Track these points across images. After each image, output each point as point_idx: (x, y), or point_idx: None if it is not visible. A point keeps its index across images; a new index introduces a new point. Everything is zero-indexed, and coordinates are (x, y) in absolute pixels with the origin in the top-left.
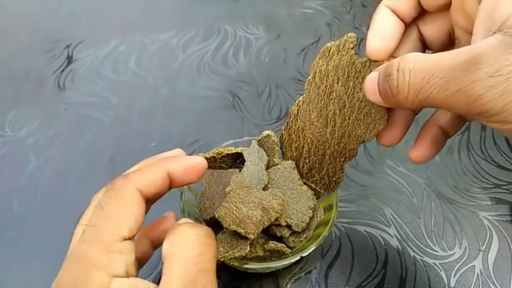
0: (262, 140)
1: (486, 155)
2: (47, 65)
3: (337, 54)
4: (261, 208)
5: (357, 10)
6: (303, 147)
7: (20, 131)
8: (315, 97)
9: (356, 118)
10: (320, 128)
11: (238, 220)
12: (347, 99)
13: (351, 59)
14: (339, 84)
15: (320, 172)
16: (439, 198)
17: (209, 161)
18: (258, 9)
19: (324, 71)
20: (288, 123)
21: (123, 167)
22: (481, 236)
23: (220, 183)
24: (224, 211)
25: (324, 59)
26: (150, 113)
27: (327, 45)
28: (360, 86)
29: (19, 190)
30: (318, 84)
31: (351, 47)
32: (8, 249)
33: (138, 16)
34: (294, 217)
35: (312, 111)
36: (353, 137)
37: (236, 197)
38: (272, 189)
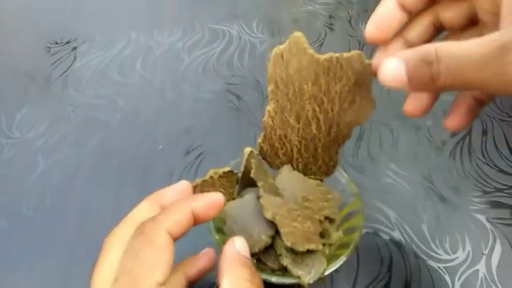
0: (249, 157)
1: (488, 160)
2: (54, 67)
3: (294, 57)
4: (310, 217)
5: (359, 14)
6: (292, 151)
7: (28, 133)
8: (286, 103)
9: (340, 109)
10: (304, 128)
11: (305, 238)
12: (323, 95)
13: (312, 59)
14: (308, 85)
15: (316, 164)
16: (442, 202)
17: (208, 184)
18: (262, 13)
19: (285, 77)
20: (265, 135)
21: (130, 170)
22: (484, 240)
23: (245, 213)
24: (291, 237)
25: (280, 66)
26: (157, 116)
27: (275, 52)
28: (334, 81)
29: (27, 193)
30: (285, 91)
31: (305, 47)
32: (16, 252)
33: (144, 19)
34: None
35: (289, 117)
36: (343, 125)
37: (284, 219)
38: (301, 195)
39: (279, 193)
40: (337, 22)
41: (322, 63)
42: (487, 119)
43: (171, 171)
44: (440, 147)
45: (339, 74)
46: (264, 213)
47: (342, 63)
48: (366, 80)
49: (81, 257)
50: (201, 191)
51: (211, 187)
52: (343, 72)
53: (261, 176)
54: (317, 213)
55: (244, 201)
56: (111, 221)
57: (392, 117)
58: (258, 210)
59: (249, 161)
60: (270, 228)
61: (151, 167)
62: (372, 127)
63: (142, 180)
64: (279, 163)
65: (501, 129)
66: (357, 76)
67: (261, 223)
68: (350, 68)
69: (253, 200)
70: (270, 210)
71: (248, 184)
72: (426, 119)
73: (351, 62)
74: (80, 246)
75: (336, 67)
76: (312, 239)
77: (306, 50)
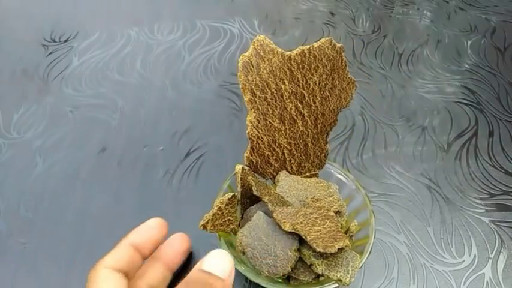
0: (242, 175)
1: (494, 162)
2: (52, 66)
3: (263, 60)
4: (326, 216)
5: (360, 10)
6: (283, 154)
7: (26, 133)
8: (267, 108)
9: (322, 98)
10: (290, 128)
11: (332, 238)
12: (303, 90)
13: (283, 57)
14: (285, 84)
15: (308, 160)
16: (448, 205)
17: (218, 217)
18: (264, 10)
19: (260, 83)
20: (252, 147)
21: (130, 171)
22: (490, 244)
23: (260, 235)
24: (319, 242)
25: (251, 73)
26: (157, 116)
27: (243, 60)
28: (310, 72)
29: (26, 194)
30: (263, 96)
31: (272, 47)
32: (15, 255)
33: (144, 16)
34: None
35: (273, 121)
36: (328, 113)
37: (304, 226)
38: (309, 197)
39: (286, 202)
40: (339, 19)
41: (294, 58)
42: (493, 120)
43: (172, 172)
44: (446, 148)
45: (314, 65)
46: (283, 227)
47: (315, 53)
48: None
49: (81, 258)
50: (213, 226)
51: (222, 218)
52: (318, 61)
53: (263, 190)
54: (330, 210)
55: (254, 223)
56: (110, 222)
57: (397, 118)
58: (272, 227)
59: (245, 179)
60: (292, 241)
61: (152, 167)
62: (376, 128)
63: (142, 182)
64: (271, 171)
65: (507, 131)
66: (331, 62)
67: (282, 239)
68: (323, 55)
69: (263, 218)
70: (287, 222)
71: (248, 203)
72: (432, 119)
73: (323, 49)
74: (79, 247)
75: (309, 59)
76: (337, 237)
77: (274, 50)
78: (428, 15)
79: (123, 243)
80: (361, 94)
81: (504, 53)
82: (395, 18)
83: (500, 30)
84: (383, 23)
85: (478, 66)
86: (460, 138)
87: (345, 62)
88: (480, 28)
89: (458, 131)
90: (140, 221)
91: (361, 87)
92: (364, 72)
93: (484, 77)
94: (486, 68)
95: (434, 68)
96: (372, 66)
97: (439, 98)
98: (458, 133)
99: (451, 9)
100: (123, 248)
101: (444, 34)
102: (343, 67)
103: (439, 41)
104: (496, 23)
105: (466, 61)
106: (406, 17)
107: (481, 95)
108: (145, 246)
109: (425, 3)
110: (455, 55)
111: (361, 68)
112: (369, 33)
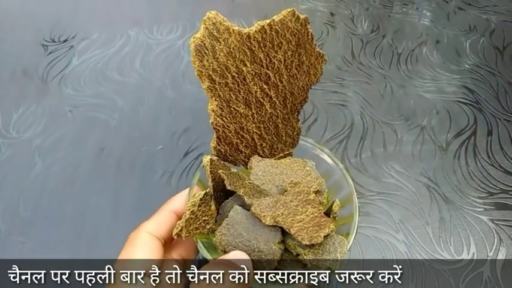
0: (212, 168)
1: (493, 161)
2: (51, 66)
3: (218, 42)
4: (306, 200)
5: (360, 10)
6: (253, 140)
7: (25, 132)
8: (229, 94)
9: (289, 76)
10: (258, 112)
11: (316, 226)
12: (267, 70)
13: (241, 36)
14: (247, 65)
15: (281, 141)
16: (446, 204)
17: (192, 221)
18: (263, 10)
19: (218, 67)
20: (218, 137)
21: (129, 170)
22: (488, 242)
23: (240, 231)
24: (304, 234)
25: (207, 57)
26: (157, 115)
27: (195, 43)
28: (274, 50)
29: (25, 193)
30: (223, 82)
31: (226, 25)
32: (14, 254)
33: (143, 16)
34: None
35: (238, 107)
36: (298, 91)
37: (286, 217)
38: (286, 182)
39: (263, 191)
40: (338, 19)
41: (254, 36)
42: (492, 120)
43: (171, 172)
44: (445, 147)
45: (277, 41)
46: (263, 220)
47: (277, 28)
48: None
49: (80, 257)
50: (188, 232)
51: (197, 222)
52: (281, 37)
53: (237, 182)
54: (310, 193)
55: (232, 219)
56: (109, 221)
57: (396, 117)
58: (251, 221)
59: (215, 172)
60: (275, 234)
61: (151, 167)
62: (375, 127)
63: (141, 181)
64: (243, 157)
65: (506, 130)
66: (296, 36)
67: (264, 232)
68: (286, 30)
69: (241, 213)
70: (267, 215)
71: (223, 196)
72: (431, 118)
73: (286, 23)
74: (78, 246)
75: (271, 35)
76: (322, 223)
77: (230, 29)
78: (427, 15)
79: (165, 208)
80: (360, 94)
81: (503, 53)
82: (394, 18)
83: (500, 30)
84: (382, 23)
85: (477, 65)
86: (459, 137)
87: (311, 34)
88: (479, 28)
89: (457, 130)
90: (139, 220)
91: (360, 87)
92: (363, 72)
93: (483, 76)
94: (485, 67)
95: (433, 67)
96: (371, 66)
97: (438, 97)
98: (457, 132)
99: (450, 9)
100: (165, 213)
101: (443, 34)
102: (310, 41)
103: (438, 41)
104: (495, 23)
105: (465, 61)
106: (405, 17)
107: (480, 95)
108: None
109: (425, 3)
110: (455, 55)
111: (360, 67)
112: (368, 33)
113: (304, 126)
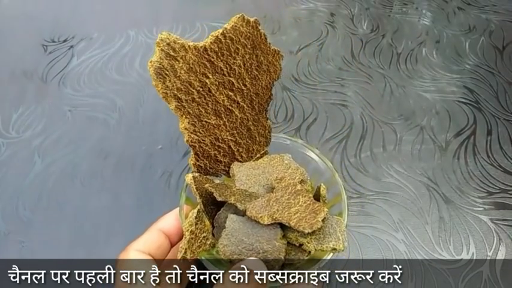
0: (197, 185)
1: (492, 160)
2: (51, 66)
3: (176, 61)
4: (295, 192)
5: (360, 11)
6: (229, 147)
7: (25, 132)
8: (198, 109)
9: (251, 78)
10: (228, 119)
11: (312, 213)
12: (229, 77)
13: (197, 51)
14: (209, 77)
15: (255, 142)
16: (446, 203)
17: (193, 240)
18: (263, 11)
19: (181, 85)
20: (196, 153)
21: (128, 170)
22: (488, 242)
23: (240, 238)
24: (304, 223)
25: (169, 78)
26: (156, 115)
27: (154, 67)
28: (232, 58)
29: (24, 193)
30: (189, 99)
31: (181, 43)
32: (15, 254)
33: (143, 16)
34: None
35: (209, 119)
36: (262, 90)
37: (282, 213)
38: (271, 180)
39: (252, 194)
40: (339, 20)
41: (210, 48)
42: (491, 119)
43: (170, 171)
44: (444, 147)
45: (233, 48)
46: (261, 221)
47: (231, 36)
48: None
49: (80, 257)
50: (192, 252)
51: (197, 240)
52: (236, 43)
53: (226, 192)
54: (296, 185)
55: (230, 229)
56: (108, 221)
57: (396, 117)
58: (249, 225)
59: (201, 188)
60: (275, 231)
61: (150, 167)
62: (375, 127)
63: (141, 181)
64: (223, 167)
65: (506, 130)
66: (250, 39)
67: (264, 232)
68: (240, 35)
69: (236, 220)
70: (264, 215)
71: (214, 209)
72: (430, 118)
73: (238, 28)
74: (77, 246)
75: (227, 43)
76: (316, 209)
77: (185, 46)
78: (427, 15)
79: (153, 228)
80: (360, 93)
81: (503, 52)
82: (394, 18)
83: (499, 30)
84: (382, 23)
85: (477, 65)
86: (459, 137)
87: (264, 35)
88: (479, 27)
89: (457, 130)
90: (139, 220)
91: (360, 87)
92: (363, 72)
93: (482, 76)
94: (485, 67)
95: (433, 67)
96: (370, 66)
97: (437, 97)
98: (457, 132)
99: (450, 9)
100: (153, 232)
101: (443, 33)
102: (264, 41)
103: (438, 41)
104: (495, 23)
105: (465, 60)
106: (405, 17)
107: (479, 94)
108: (174, 233)
109: (424, 2)
110: (454, 54)
111: (360, 67)
112: (367, 32)
113: (304, 126)
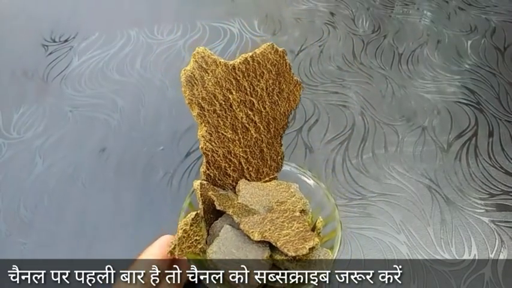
0: (202, 191)
1: (494, 162)
2: (52, 66)
3: (206, 73)
4: (292, 217)
5: (361, 10)
6: (240, 163)
7: (26, 133)
8: (217, 121)
9: (271, 102)
10: (244, 137)
11: (302, 239)
12: (251, 97)
13: (227, 67)
14: (233, 93)
15: (266, 165)
16: (448, 205)
17: (184, 239)
18: (264, 10)
19: (206, 96)
20: (208, 161)
21: (130, 171)
22: (490, 243)
23: (230, 249)
24: (290, 246)
25: (196, 87)
26: (157, 116)
27: (186, 75)
28: (257, 79)
29: (26, 193)
30: (211, 109)
31: (214, 58)
32: (15, 254)
33: (144, 16)
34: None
35: (226, 132)
36: (279, 116)
37: (273, 232)
38: (273, 202)
39: (252, 210)
40: (339, 19)
41: (238, 67)
42: (493, 120)
43: (172, 172)
44: (446, 148)
45: (259, 71)
46: (251, 236)
47: (258, 60)
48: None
49: (80, 257)
50: (180, 250)
51: (189, 240)
52: (262, 67)
53: (226, 203)
54: (295, 211)
55: (223, 238)
56: (109, 222)
57: (397, 118)
58: (241, 239)
59: (205, 195)
60: (263, 250)
61: (152, 168)
62: (376, 128)
63: (142, 182)
64: (231, 181)
65: (508, 131)
66: (276, 66)
67: (253, 249)
68: (267, 61)
69: (231, 231)
70: (255, 231)
71: (213, 218)
72: (432, 119)
73: (266, 55)
74: (78, 247)
75: (254, 66)
76: (307, 237)
77: (216, 61)
78: (428, 15)
79: (140, 258)
80: (361, 94)
81: (504, 53)
82: (395, 18)
83: (500, 30)
84: (383, 23)
85: (478, 66)
86: (460, 138)
87: (289, 65)
88: (480, 28)
89: (458, 131)
90: (139, 221)
91: (361, 87)
92: (364, 73)
93: (484, 77)
94: (486, 68)
95: (434, 68)
96: (372, 67)
97: (439, 98)
98: (458, 133)
99: (451, 9)
100: (139, 263)
101: (444, 34)
102: (288, 70)
103: (439, 41)
104: (496, 23)
105: (466, 61)
106: (406, 17)
107: (481, 95)
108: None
109: (425, 3)
110: (455, 55)
111: (361, 68)
112: (369, 33)
113: (306, 127)
